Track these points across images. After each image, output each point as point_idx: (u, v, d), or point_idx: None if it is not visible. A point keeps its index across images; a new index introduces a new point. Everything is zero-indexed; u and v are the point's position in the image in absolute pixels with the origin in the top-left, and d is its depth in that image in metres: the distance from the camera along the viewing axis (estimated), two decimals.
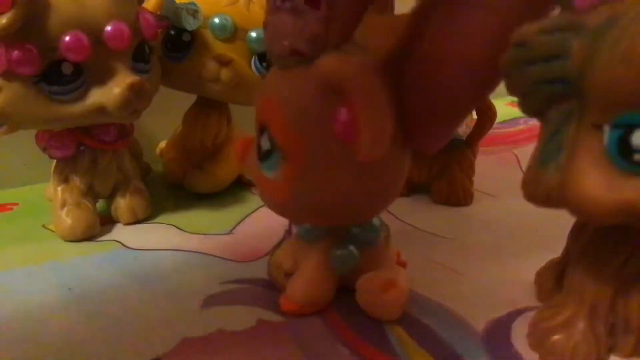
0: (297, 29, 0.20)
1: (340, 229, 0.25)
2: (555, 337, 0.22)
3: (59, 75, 0.29)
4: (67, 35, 0.28)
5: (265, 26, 0.21)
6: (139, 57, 0.32)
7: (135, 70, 0.32)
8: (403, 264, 0.28)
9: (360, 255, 0.25)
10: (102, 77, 0.30)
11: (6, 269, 0.30)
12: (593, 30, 0.18)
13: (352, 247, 0.25)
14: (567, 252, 0.25)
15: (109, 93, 0.30)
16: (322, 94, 0.20)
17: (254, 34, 0.35)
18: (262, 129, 0.22)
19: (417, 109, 0.21)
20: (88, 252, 0.32)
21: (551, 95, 0.19)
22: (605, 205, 0.18)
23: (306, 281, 0.25)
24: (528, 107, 0.20)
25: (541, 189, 0.20)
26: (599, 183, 0.18)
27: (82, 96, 0.30)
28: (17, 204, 0.40)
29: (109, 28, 0.29)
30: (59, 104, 0.29)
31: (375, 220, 0.26)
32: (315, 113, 0.21)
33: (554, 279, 0.25)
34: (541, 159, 0.20)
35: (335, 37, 0.20)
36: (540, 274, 0.26)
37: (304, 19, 0.19)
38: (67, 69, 0.29)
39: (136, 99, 0.30)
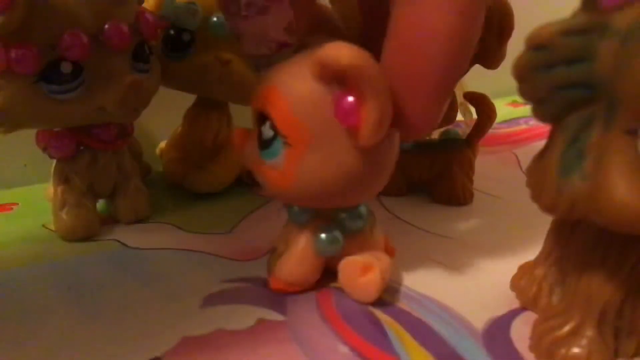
0: (274, 24, 0.20)
1: (328, 213, 0.26)
2: (566, 348, 0.21)
3: (58, 75, 0.29)
4: (66, 34, 0.28)
5: (241, 36, 0.22)
6: (138, 56, 0.32)
7: (135, 70, 0.31)
8: (391, 252, 0.28)
9: (344, 240, 0.26)
10: (102, 77, 0.30)
11: (6, 268, 0.30)
12: (623, 32, 0.17)
13: (337, 233, 0.26)
14: (547, 254, 0.24)
15: (109, 92, 0.30)
16: (321, 80, 0.21)
17: None
18: (262, 119, 0.23)
19: (395, 87, 0.21)
20: (88, 251, 0.32)
21: (571, 101, 0.18)
22: None
23: (294, 262, 0.26)
24: (544, 113, 0.19)
25: (564, 200, 0.19)
26: (634, 191, 0.17)
27: (82, 95, 0.30)
28: (17, 204, 0.40)
29: (108, 27, 0.29)
30: (58, 104, 0.29)
31: (362, 208, 0.27)
32: (315, 98, 0.21)
33: (537, 284, 0.24)
34: (561, 168, 0.19)
35: (301, 22, 0.21)
36: (518, 280, 0.25)
37: (275, 13, 0.20)
38: (66, 68, 0.29)
39: (136, 98, 0.30)
